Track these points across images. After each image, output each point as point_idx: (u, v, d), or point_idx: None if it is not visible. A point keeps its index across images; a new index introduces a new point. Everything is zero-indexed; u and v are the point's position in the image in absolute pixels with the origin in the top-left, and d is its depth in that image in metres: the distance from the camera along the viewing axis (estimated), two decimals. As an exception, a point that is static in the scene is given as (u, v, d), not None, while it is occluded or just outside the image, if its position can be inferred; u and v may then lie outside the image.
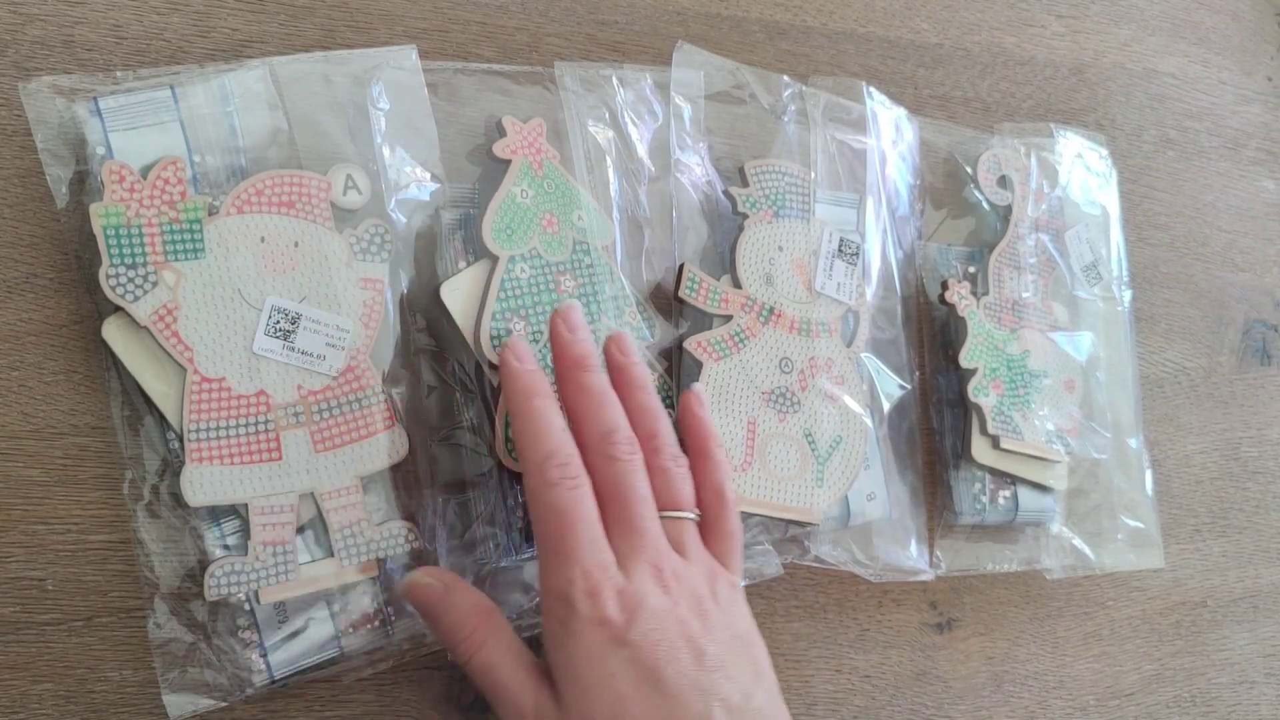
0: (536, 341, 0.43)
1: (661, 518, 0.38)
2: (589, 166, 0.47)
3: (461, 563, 0.43)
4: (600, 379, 0.39)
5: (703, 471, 0.41)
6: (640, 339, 0.47)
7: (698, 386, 0.44)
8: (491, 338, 0.42)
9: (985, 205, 0.58)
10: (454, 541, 0.43)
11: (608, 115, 0.48)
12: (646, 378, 0.41)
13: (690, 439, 0.42)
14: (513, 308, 0.43)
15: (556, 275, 0.44)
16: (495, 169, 0.44)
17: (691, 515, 0.40)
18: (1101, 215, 0.62)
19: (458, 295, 0.42)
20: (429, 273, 0.44)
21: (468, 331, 0.42)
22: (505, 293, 0.43)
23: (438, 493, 0.43)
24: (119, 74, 0.39)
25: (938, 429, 0.56)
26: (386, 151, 0.42)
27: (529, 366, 0.39)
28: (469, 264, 0.43)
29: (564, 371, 0.40)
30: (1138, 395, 0.61)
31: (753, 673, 0.37)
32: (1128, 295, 0.62)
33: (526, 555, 0.43)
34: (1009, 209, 0.57)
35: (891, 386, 0.53)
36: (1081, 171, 0.62)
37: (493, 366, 0.42)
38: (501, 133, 0.44)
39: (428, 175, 0.43)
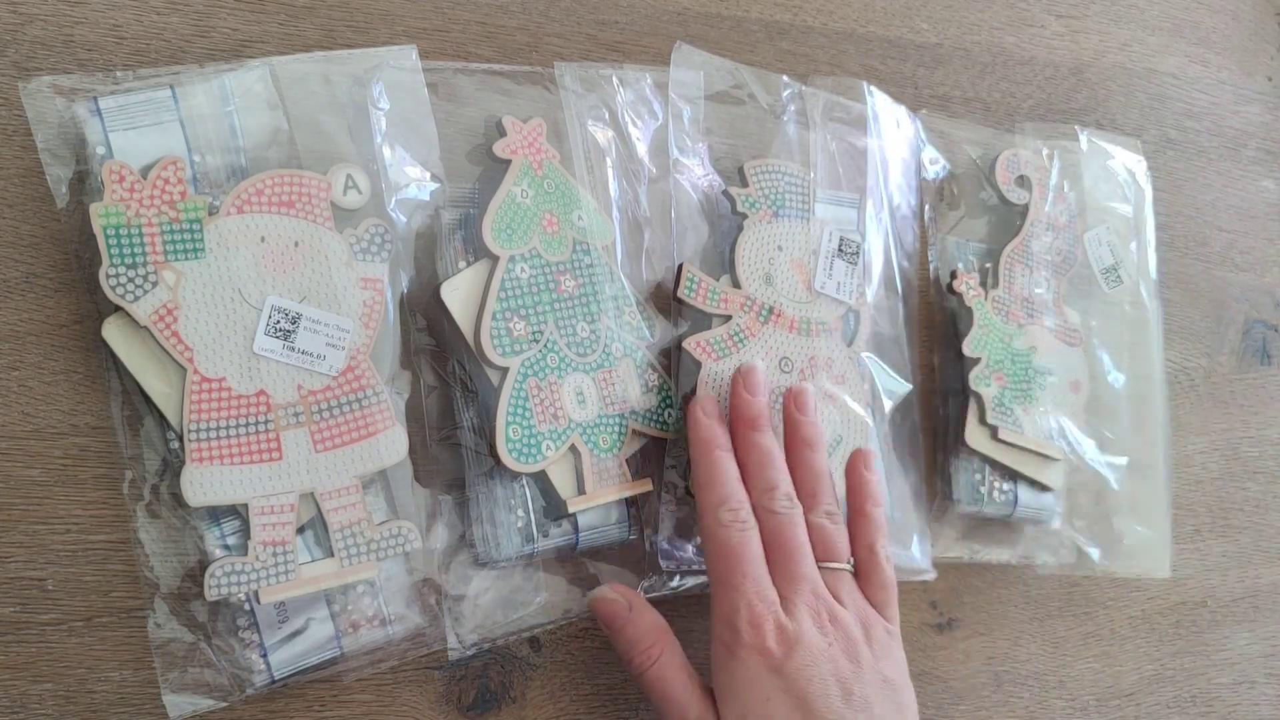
0: (536, 341, 0.43)
1: (820, 568, 0.42)
2: (589, 166, 0.47)
3: (461, 562, 0.43)
4: (767, 439, 0.44)
5: (857, 527, 0.45)
6: (640, 339, 0.47)
7: (870, 448, 0.49)
8: (491, 338, 0.42)
9: (1001, 203, 0.58)
10: (454, 541, 0.43)
11: (608, 115, 0.48)
12: (817, 436, 0.45)
13: (851, 497, 0.47)
14: (513, 308, 0.43)
15: (556, 275, 0.44)
16: (495, 169, 0.44)
17: (846, 566, 0.44)
18: (1132, 218, 0.62)
19: (458, 295, 0.42)
20: (429, 273, 0.44)
21: (468, 331, 0.42)
22: (505, 293, 0.43)
23: (438, 493, 0.43)
24: (119, 74, 0.39)
25: (943, 416, 0.56)
26: (386, 151, 0.42)
27: (713, 420, 0.44)
28: (469, 264, 0.43)
29: (739, 429, 0.44)
30: (1165, 403, 0.61)
31: (897, 717, 0.40)
32: (1155, 303, 0.62)
33: (526, 553, 0.43)
34: (1025, 208, 0.58)
35: (893, 386, 0.53)
36: (1108, 174, 0.62)
37: (493, 366, 0.42)
38: (501, 132, 0.44)
39: (428, 175, 0.43)
